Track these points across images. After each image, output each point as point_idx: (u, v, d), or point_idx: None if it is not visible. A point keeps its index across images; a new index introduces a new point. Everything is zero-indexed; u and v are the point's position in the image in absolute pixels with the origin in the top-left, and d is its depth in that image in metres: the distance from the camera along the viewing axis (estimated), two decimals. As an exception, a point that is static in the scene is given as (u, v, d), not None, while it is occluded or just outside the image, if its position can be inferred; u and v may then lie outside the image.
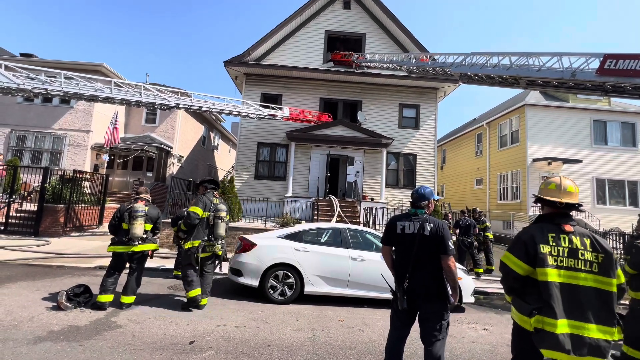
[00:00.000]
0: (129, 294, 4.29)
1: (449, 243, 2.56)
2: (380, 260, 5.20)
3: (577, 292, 1.98)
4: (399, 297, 2.53)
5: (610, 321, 1.95)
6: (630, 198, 14.46)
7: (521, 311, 2.11)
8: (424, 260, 2.57)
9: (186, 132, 17.58)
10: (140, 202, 4.48)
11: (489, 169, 17.31)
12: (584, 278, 1.99)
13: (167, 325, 3.82)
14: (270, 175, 13.27)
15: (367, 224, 11.20)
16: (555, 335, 1.92)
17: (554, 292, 1.98)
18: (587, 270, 2.01)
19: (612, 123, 14.94)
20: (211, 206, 4.62)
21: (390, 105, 13.83)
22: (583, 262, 2.02)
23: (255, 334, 3.78)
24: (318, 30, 13.99)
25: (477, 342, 4.03)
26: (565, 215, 2.19)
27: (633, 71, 6.15)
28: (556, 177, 2.31)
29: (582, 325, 1.93)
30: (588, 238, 2.09)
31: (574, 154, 14.30)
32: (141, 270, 4.50)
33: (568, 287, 2.00)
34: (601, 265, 2.01)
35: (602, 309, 1.96)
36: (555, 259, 2.04)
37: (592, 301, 1.97)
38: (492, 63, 8.41)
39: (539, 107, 14.88)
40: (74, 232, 9.85)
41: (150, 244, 4.50)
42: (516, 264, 2.13)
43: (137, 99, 9.09)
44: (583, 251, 2.04)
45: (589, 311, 1.95)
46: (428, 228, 2.58)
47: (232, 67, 13.20)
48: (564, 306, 1.97)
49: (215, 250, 4.60)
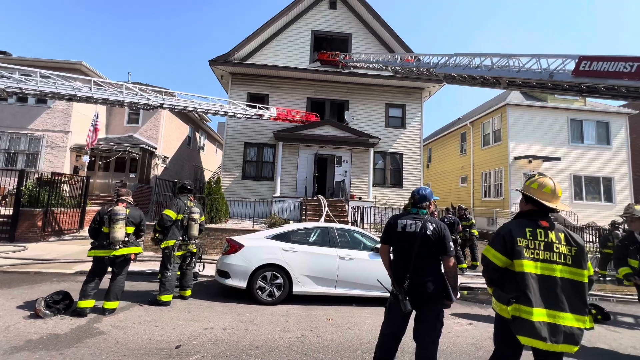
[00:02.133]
0: (112, 299, 4.17)
1: (450, 244, 2.60)
2: (368, 259, 5.28)
3: (553, 283, 2.09)
4: (402, 299, 2.50)
5: (583, 310, 2.06)
6: (605, 194, 15.11)
7: (500, 300, 2.23)
8: (425, 261, 2.58)
9: (171, 132, 17.22)
10: (121, 204, 4.37)
11: (473, 167, 17.73)
12: (559, 270, 2.10)
13: (152, 330, 3.74)
14: (257, 176, 13.17)
15: (355, 223, 11.28)
16: (531, 322, 2.03)
17: (530, 283, 2.09)
18: (562, 263, 2.12)
19: (587, 122, 15.57)
20: (185, 209, 4.96)
21: (376, 105, 13.96)
22: (558, 255, 2.13)
23: (243, 335, 3.75)
24: (304, 29, 13.97)
25: (462, 337, 4.13)
26: (543, 213, 2.29)
27: (606, 72, 6.42)
28: (548, 179, 2.36)
29: (558, 314, 2.04)
30: (562, 232, 2.20)
31: (553, 152, 14.82)
32: (124, 274, 4.39)
33: (544, 278, 2.10)
34: (574, 257, 2.12)
35: (576, 298, 2.07)
36: (532, 251, 2.15)
37: (567, 291, 2.08)
38: (475, 64, 8.61)
39: (519, 107, 15.34)
40: (53, 236, 9.49)
41: (133, 247, 4.39)
42: (495, 257, 2.24)
43: (119, 99, 8.84)
44: (558, 245, 2.15)
45: (564, 301, 2.06)
46: (431, 228, 2.61)
47: (217, 67, 13.01)
48: (541, 296, 2.07)
49: (190, 248, 4.99)
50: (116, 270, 4.30)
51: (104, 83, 8.92)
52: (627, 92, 6.43)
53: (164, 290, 4.61)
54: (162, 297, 4.60)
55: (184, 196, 5.08)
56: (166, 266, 4.71)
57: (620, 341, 4.31)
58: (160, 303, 4.59)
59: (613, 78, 6.33)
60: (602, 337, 4.43)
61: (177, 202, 4.92)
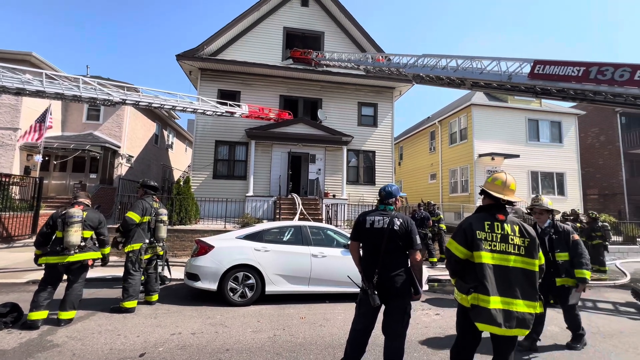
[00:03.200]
0: (68, 309, 3.88)
1: (416, 238, 2.67)
2: (341, 256, 5.34)
3: (508, 272, 2.25)
4: (371, 294, 2.55)
5: (533, 297, 2.24)
6: (559, 188, 16.39)
7: (461, 290, 2.37)
8: (393, 255, 2.64)
9: (136, 129, 16.32)
10: (77, 206, 4.07)
11: (442, 164, 18.48)
12: (514, 260, 2.26)
13: (114, 339, 3.53)
14: (229, 175, 12.85)
15: (330, 220, 11.36)
16: (488, 310, 2.18)
17: (488, 273, 2.23)
18: (516, 253, 2.28)
19: (543, 122, 16.77)
20: (151, 210, 4.77)
21: (349, 104, 14.11)
22: (512, 246, 2.29)
23: (213, 339, 3.65)
24: (276, 26, 13.79)
25: (429, 327, 4.30)
26: (501, 207, 2.46)
27: (557, 76, 6.94)
28: (502, 174, 2.54)
29: (512, 301, 2.20)
30: (517, 225, 2.37)
31: (513, 150, 15.80)
32: (81, 282, 4.09)
33: (500, 268, 2.26)
34: (527, 248, 2.29)
35: (527, 286, 2.24)
36: (490, 243, 2.29)
37: (519, 280, 2.24)
38: (441, 65, 8.96)
39: (483, 107, 16.19)
40: (2, 243, 8.67)
41: (91, 252, 4.10)
42: (457, 249, 2.37)
43: (75, 94, 8.21)
44: (513, 237, 2.31)
45: (516, 289, 2.22)
46: (397, 223, 2.67)
47: (185, 62, 12.51)
48: (497, 285, 2.22)
49: (156, 251, 4.81)
50: (72, 277, 4.01)
51: (58, 76, 8.24)
52: (575, 94, 7.00)
53: (128, 296, 4.38)
54: (126, 304, 4.35)
55: (149, 197, 4.89)
56: (129, 271, 4.47)
57: (570, 323, 4.69)
58: (124, 310, 4.34)
59: (563, 81, 6.85)
60: (553, 319, 4.80)
61: (141, 203, 4.71)
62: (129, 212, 4.63)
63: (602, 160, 19.26)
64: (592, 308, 5.62)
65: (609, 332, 4.34)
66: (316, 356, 3.32)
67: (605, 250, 8.98)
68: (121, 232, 4.62)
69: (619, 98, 6.42)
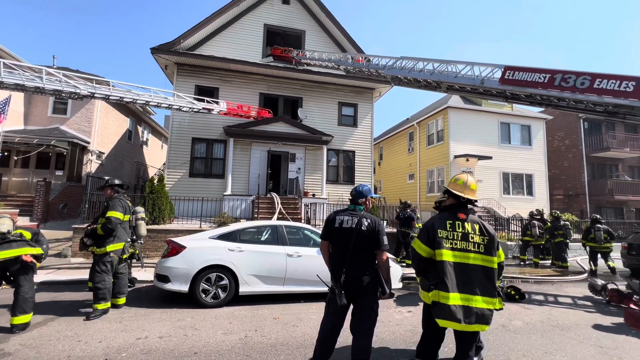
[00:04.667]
0: (18, 314, 3.61)
1: (383, 239, 2.69)
2: (316, 256, 5.32)
3: (467, 270, 2.33)
4: (337, 293, 2.56)
5: (492, 293, 2.32)
6: (527, 189, 17.24)
7: (423, 288, 2.45)
8: (361, 255, 2.65)
9: (107, 125, 15.58)
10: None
11: (419, 164, 18.94)
12: (473, 257, 2.34)
13: (73, 346, 3.35)
14: (207, 173, 12.54)
15: (309, 220, 11.35)
16: (448, 306, 2.26)
17: (448, 270, 2.31)
18: (476, 251, 2.36)
19: (514, 125, 17.58)
20: (129, 208, 4.72)
21: (330, 103, 14.15)
22: (472, 244, 2.37)
23: (181, 342, 3.54)
24: (257, 23, 13.59)
25: (401, 324, 4.39)
26: (463, 206, 2.54)
27: (525, 82, 7.27)
28: (464, 175, 2.65)
29: (471, 298, 2.28)
30: (477, 224, 2.45)
31: (486, 151, 16.45)
32: (28, 283, 3.74)
33: (460, 265, 2.34)
34: (486, 246, 2.37)
35: (486, 282, 2.32)
36: (451, 242, 2.38)
37: (479, 277, 2.32)
38: (419, 68, 9.16)
39: (459, 110, 16.74)
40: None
41: (26, 247, 3.67)
42: (420, 248, 2.44)
43: (37, 85, 7.71)
44: (473, 235, 2.39)
45: (476, 285, 2.30)
46: (365, 223, 2.68)
47: (161, 56, 12.06)
48: (457, 282, 2.30)
49: (134, 250, 4.86)
50: (12, 278, 3.72)
51: (19, 66, 7.70)
52: (541, 99, 7.36)
53: (102, 298, 4.18)
54: (101, 306, 4.18)
55: (121, 195, 4.77)
56: (104, 271, 4.24)
57: (532, 317, 4.94)
58: (99, 313, 4.17)
59: (530, 87, 7.19)
60: (518, 314, 5.04)
61: (120, 202, 4.56)
62: (111, 211, 4.38)
63: (567, 163, 20.43)
64: (554, 302, 5.94)
65: (567, 325, 4.60)
66: (287, 357, 3.30)
67: (567, 248, 9.54)
68: (101, 234, 4.28)
69: (580, 104, 6.81)
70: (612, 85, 6.14)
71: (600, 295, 6.08)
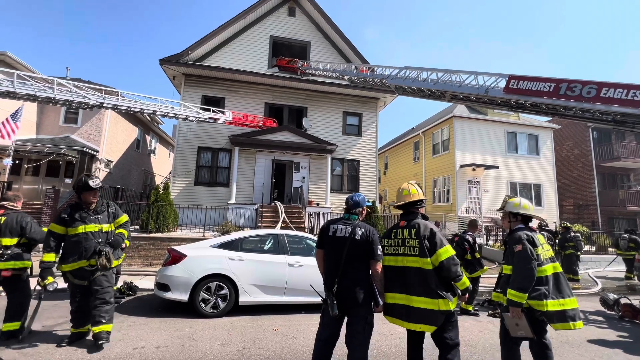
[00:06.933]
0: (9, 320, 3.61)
1: (377, 248, 2.64)
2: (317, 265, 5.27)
3: (406, 272, 2.54)
4: (330, 304, 2.53)
5: (431, 294, 2.41)
6: (536, 199, 16.90)
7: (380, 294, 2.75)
8: (354, 265, 2.61)
9: (116, 134, 15.90)
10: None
11: (425, 174, 18.80)
12: (412, 260, 2.53)
13: (70, 355, 3.33)
14: (212, 182, 12.63)
15: (312, 229, 11.28)
16: (390, 304, 2.58)
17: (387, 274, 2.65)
18: (413, 254, 2.53)
19: (521, 134, 17.39)
20: None
21: (334, 113, 14.23)
22: (409, 248, 2.55)
23: (178, 353, 3.49)
24: (263, 34, 13.87)
25: (403, 338, 4.23)
26: (408, 213, 2.74)
27: (530, 91, 7.22)
28: (404, 183, 2.83)
29: (411, 298, 2.48)
30: (414, 228, 2.58)
31: (493, 161, 16.26)
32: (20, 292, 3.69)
33: (400, 268, 2.59)
34: (420, 248, 2.50)
35: (425, 283, 2.45)
36: (394, 248, 2.65)
37: (417, 278, 2.49)
38: (422, 77, 9.18)
39: (464, 119, 16.65)
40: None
41: (13, 261, 3.58)
42: None
43: (49, 95, 7.94)
44: (409, 239, 2.57)
45: (415, 286, 2.49)
46: (359, 233, 2.64)
47: (169, 67, 12.35)
48: (399, 283, 2.56)
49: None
50: (4, 289, 3.73)
51: (31, 77, 7.95)
52: (547, 108, 7.27)
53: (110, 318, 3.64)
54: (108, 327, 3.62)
55: None
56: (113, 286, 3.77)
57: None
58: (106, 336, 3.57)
59: (536, 96, 7.12)
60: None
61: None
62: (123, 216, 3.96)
63: (577, 173, 20.05)
64: (564, 317, 5.72)
65: (577, 342, 4.42)
66: (284, 370, 3.22)
67: (579, 260, 9.26)
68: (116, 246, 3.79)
69: (587, 113, 6.71)
70: (619, 94, 6.04)
71: (612, 310, 5.85)
